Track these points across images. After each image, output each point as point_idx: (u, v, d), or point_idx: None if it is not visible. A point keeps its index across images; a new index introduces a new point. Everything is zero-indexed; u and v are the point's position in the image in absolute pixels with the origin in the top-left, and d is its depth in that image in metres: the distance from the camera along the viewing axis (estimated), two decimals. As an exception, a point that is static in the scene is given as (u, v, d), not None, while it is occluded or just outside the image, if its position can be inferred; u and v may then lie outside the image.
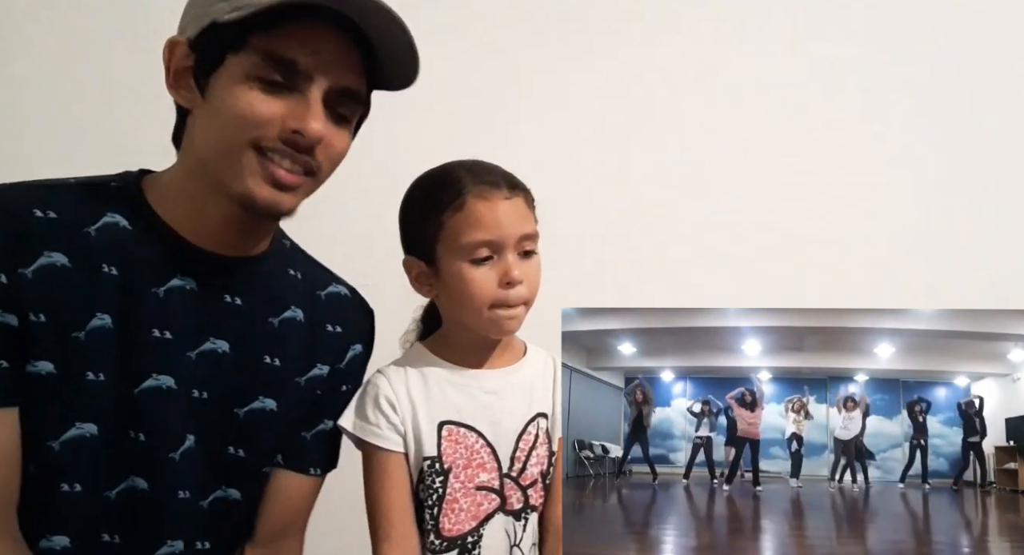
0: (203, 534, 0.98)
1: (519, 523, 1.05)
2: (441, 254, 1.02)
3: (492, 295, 1.01)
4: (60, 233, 0.89)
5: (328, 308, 1.08)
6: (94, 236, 0.91)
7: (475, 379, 1.06)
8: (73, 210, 0.91)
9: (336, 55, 0.90)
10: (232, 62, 0.87)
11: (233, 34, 0.86)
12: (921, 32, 1.83)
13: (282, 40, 0.86)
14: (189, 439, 0.96)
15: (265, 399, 1.01)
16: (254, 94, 0.87)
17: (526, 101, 1.81)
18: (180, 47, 0.90)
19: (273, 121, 0.88)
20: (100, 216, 0.92)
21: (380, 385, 1.04)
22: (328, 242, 1.13)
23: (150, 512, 0.94)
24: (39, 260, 0.87)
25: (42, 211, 0.89)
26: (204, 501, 0.98)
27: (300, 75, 0.88)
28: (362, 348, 1.11)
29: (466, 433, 1.04)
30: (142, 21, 1.51)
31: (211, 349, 0.97)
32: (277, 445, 1.04)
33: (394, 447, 1.02)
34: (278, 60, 0.87)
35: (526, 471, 1.05)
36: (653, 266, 1.77)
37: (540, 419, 1.07)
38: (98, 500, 0.91)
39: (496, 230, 0.99)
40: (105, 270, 0.91)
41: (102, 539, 0.92)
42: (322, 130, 0.89)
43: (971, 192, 1.82)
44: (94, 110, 1.72)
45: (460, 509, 1.02)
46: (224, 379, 0.98)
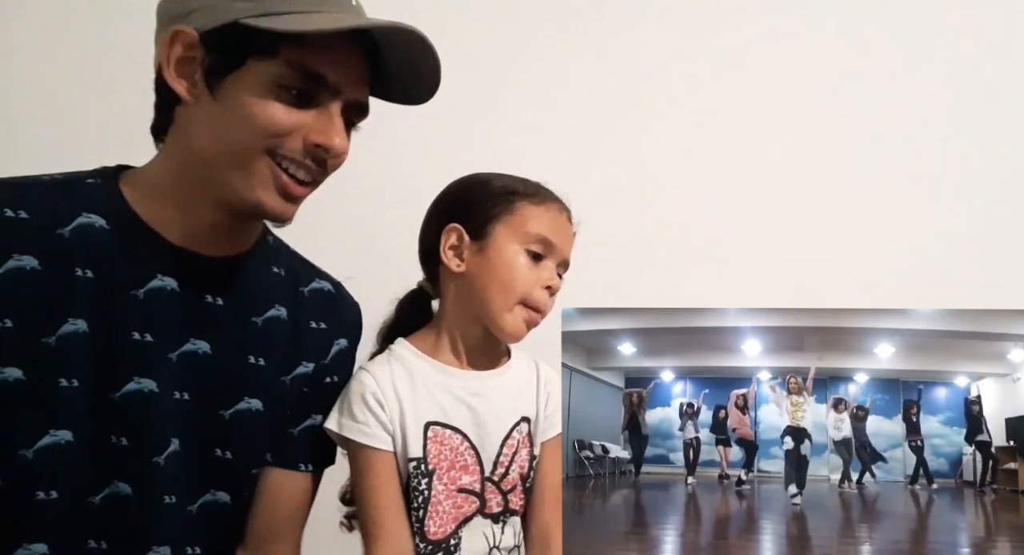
0: (192, 540, 0.97)
1: (497, 526, 1.04)
2: (498, 232, 1.04)
3: (530, 290, 1.03)
4: (31, 234, 0.87)
5: (311, 305, 1.06)
6: (67, 238, 0.88)
7: (462, 380, 1.05)
8: (46, 210, 0.88)
9: (357, 71, 0.91)
10: (256, 68, 0.86)
11: (262, 41, 0.85)
12: (921, 33, 1.83)
13: (313, 55, 0.86)
14: (173, 443, 0.94)
15: (251, 400, 0.99)
16: (278, 105, 0.86)
17: (525, 101, 1.80)
18: (187, 37, 0.87)
19: (295, 133, 0.87)
20: (74, 216, 0.89)
21: (366, 382, 1.03)
22: (313, 235, 1.11)
23: (135, 518, 0.92)
24: (7, 263, 0.85)
25: (13, 211, 0.87)
26: (192, 506, 0.96)
27: (326, 89, 0.88)
28: (347, 343, 1.09)
29: (451, 435, 1.03)
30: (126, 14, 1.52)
31: (192, 350, 0.95)
32: (265, 446, 1.02)
33: (383, 446, 1.01)
34: (308, 74, 0.86)
35: (508, 475, 1.05)
36: (653, 266, 1.76)
37: (523, 423, 1.07)
38: (80, 507, 0.89)
39: (559, 236, 1.06)
40: (79, 273, 0.88)
41: (87, 546, 0.91)
42: (345, 146, 0.91)
43: (971, 192, 1.81)
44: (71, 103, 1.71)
45: (443, 512, 1.01)
46: (207, 381, 0.96)
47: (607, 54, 1.82)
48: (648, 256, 1.77)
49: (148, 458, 0.92)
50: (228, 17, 0.85)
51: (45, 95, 1.73)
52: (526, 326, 1.04)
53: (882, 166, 1.82)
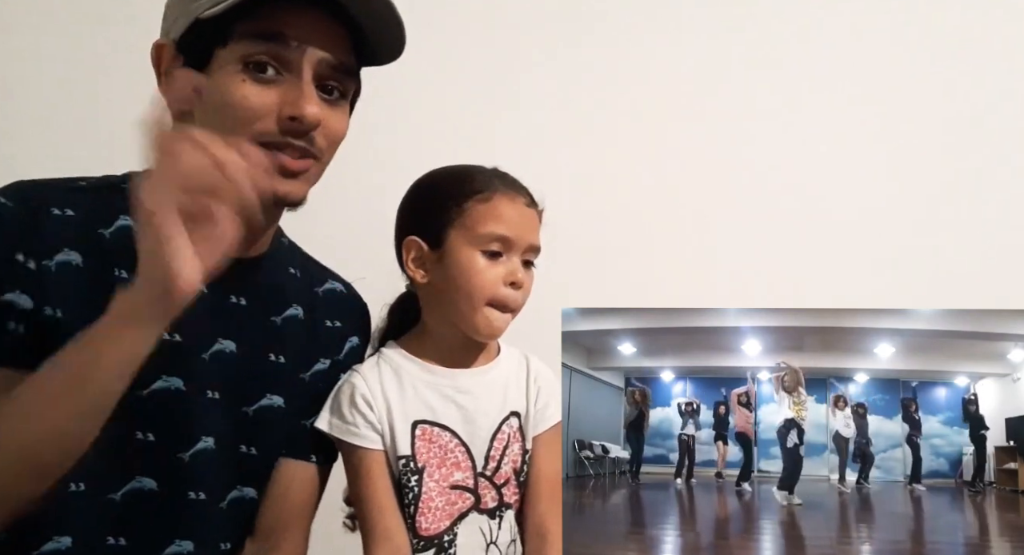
0: (223, 535, 0.99)
1: (494, 521, 1.05)
2: (453, 238, 1.03)
3: (493, 291, 1.02)
4: (76, 232, 0.89)
5: (326, 304, 1.09)
6: (108, 238, 0.91)
7: (449, 378, 1.06)
8: (89, 211, 0.91)
9: (323, 30, 0.90)
10: (221, 56, 0.87)
11: (217, 27, 0.86)
12: (920, 33, 1.83)
13: (266, 20, 0.87)
14: (207, 441, 0.96)
15: (272, 396, 1.01)
16: (247, 86, 0.87)
17: (524, 100, 1.80)
18: (167, 49, 0.90)
19: (269, 111, 0.88)
20: (115, 218, 0.91)
21: (356, 384, 1.05)
22: (323, 238, 1.13)
23: (160, 513, 0.94)
24: (58, 256, 0.87)
25: (60, 209, 0.89)
26: (223, 503, 0.98)
27: (290, 49, 0.88)
28: (358, 340, 1.12)
29: (440, 432, 1.04)
30: (129, 19, 1.52)
31: (221, 349, 0.97)
32: (285, 441, 1.04)
33: (373, 445, 1.03)
34: (266, 36, 0.87)
35: (501, 470, 1.05)
36: (653, 266, 1.77)
37: (513, 418, 1.07)
38: (102, 501, 0.91)
39: (515, 229, 1.02)
40: (117, 273, 0.90)
41: (107, 542, 0.92)
42: (319, 113, 0.89)
43: (972, 192, 1.82)
44: (85, 110, 1.72)
45: (436, 508, 1.02)
46: (233, 379, 0.98)
47: (612, 55, 1.82)
48: (648, 256, 1.77)
49: (173, 454, 0.93)
50: (191, 18, 0.87)
51: (53, 98, 1.74)
52: (498, 322, 1.03)
53: (882, 166, 1.82)
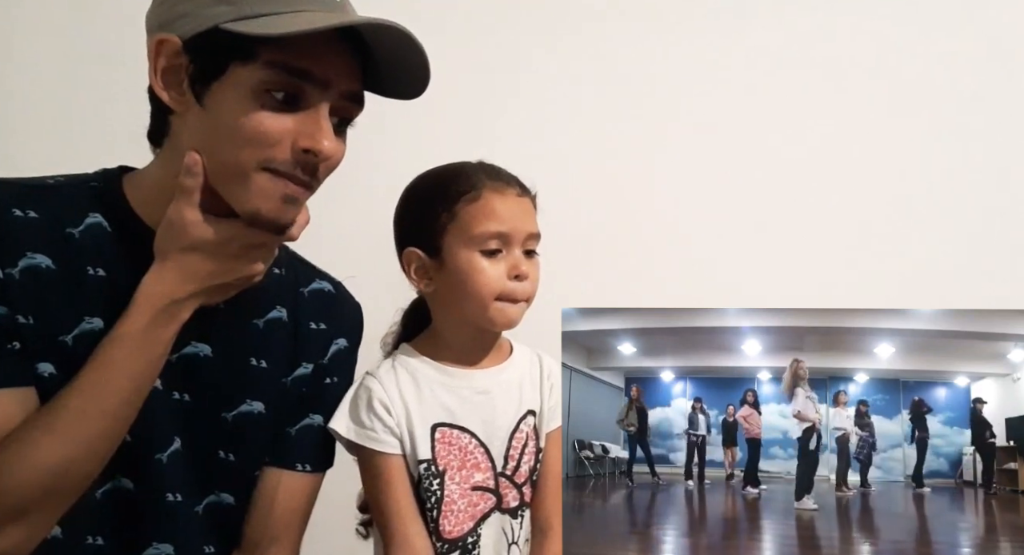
0: (203, 539, 0.98)
1: (515, 521, 1.05)
2: (449, 244, 1.02)
3: (500, 287, 1.02)
4: (42, 234, 0.87)
5: (311, 305, 1.07)
6: (78, 237, 0.89)
7: (466, 379, 1.06)
8: (55, 210, 0.88)
9: (344, 64, 0.89)
10: (238, 73, 0.84)
11: (241, 44, 0.83)
12: (921, 32, 1.83)
13: (294, 54, 0.84)
14: (176, 441, 0.94)
15: (253, 402, 1.00)
16: (264, 112, 0.84)
17: (524, 99, 1.81)
18: (171, 45, 0.86)
19: (284, 140, 0.85)
20: (84, 217, 0.90)
21: (373, 388, 1.04)
22: (313, 234, 1.12)
23: (137, 513, 0.93)
24: (22, 261, 0.85)
25: (21, 210, 0.86)
26: (198, 506, 0.97)
27: (313, 85, 0.86)
28: (347, 342, 1.09)
29: (459, 434, 1.04)
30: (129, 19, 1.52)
31: (192, 353, 0.95)
32: (267, 448, 1.02)
33: (392, 450, 1.02)
34: (291, 71, 0.84)
35: (520, 469, 1.06)
36: (653, 266, 1.77)
37: (529, 416, 1.08)
38: (84, 499, 0.90)
39: (509, 223, 1.02)
40: (91, 272, 0.89)
41: (86, 540, 0.92)
42: (334, 149, 0.88)
43: (972, 192, 1.82)
44: (86, 110, 1.72)
45: (458, 510, 1.02)
46: (209, 383, 0.96)
47: (612, 56, 1.82)
48: (648, 256, 1.78)
49: (150, 454, 0.93)
50: (208, 23, 0.84)
51: (46, 96, 1.74)
52: (513, 313, 1.03)
53: (882, 166, 1.82)
